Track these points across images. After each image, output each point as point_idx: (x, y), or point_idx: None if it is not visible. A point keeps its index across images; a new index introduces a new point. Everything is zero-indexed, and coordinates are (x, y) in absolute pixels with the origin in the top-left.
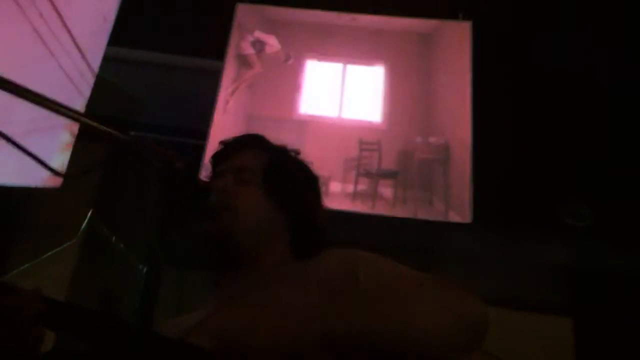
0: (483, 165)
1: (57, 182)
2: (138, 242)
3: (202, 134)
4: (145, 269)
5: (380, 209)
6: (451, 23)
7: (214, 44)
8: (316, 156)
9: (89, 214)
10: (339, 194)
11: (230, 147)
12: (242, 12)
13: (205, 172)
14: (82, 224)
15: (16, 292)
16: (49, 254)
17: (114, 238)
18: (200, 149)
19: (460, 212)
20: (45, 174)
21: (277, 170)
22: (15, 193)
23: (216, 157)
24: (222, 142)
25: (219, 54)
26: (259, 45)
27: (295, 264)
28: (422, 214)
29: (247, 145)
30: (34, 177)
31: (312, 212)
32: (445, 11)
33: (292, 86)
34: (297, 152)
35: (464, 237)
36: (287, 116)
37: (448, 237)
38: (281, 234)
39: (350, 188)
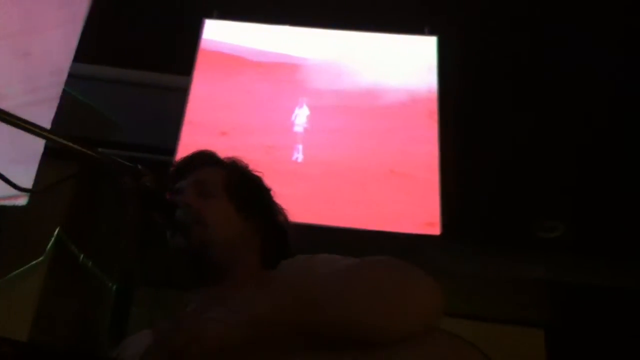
0: (451, 177)
1: (22, 200)
2: (108, 260)
3: (172, 151)
4: (115, 287)
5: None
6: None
7: (182, 60)
8: None
9: (56, 231)
10: None
11: (185, 165)
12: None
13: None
14: (49, 242)
15: None
16: (16, 272)
17: (82, 256)
18: (167, 165)
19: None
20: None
21: (239, 180)
22: None
23: (173, 177)
24: (176, 163)
25: (187, 70)
26: None
27: (262, 274)
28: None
29: (202, 161)
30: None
31: (280, 220)
32: (411, 26)
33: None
34: (247, 165)
35: (434, 251)
36: None
37: (417, 251)
38: (252, 243)
39: None
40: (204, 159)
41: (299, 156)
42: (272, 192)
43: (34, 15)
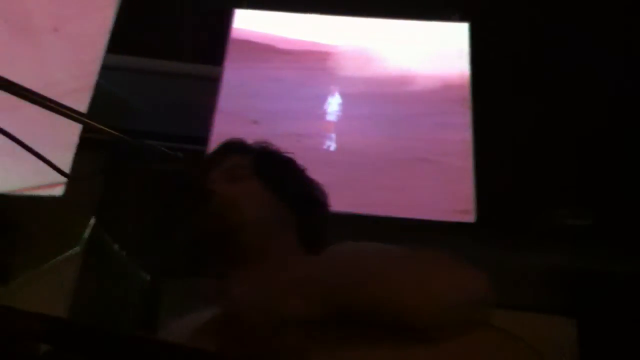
0: (485, 164)
1: (58, 190)
2: (140, 250)
3: (203, 140)
4: (148, 277)
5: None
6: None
7: (213, 50)
8: None
9: (91, 222)
10: None
11: (215, 156)
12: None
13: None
14: (84, 232)
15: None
16: (51, 262)
17: (116, 246)
18: (202, 155)
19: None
20: (46, 181)
21: (268, 161)
22: (16, 201)
23: (205, 168)
24: (204, 157)
25: (218, 60)
26: None
27: (301, 257)
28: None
29: (231, 150)
30: (35, 185)
31: (316, 196)
32: (440, 12)
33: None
34: (276, 148)
35: (467, 238)
36: None
37: (451, 238)
38: (287, 225)
39: None
40: (232, 147)
41: (331, 144)
42: (305, 171)
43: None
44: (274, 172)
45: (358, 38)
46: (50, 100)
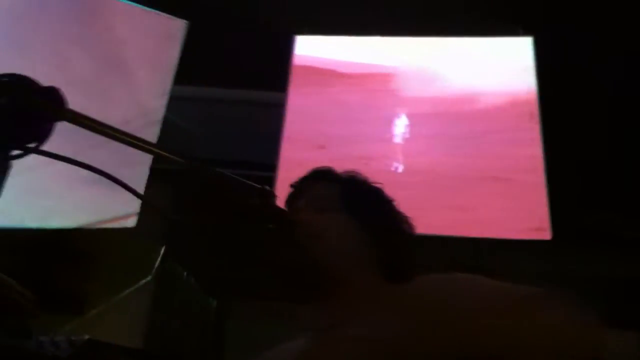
0: (557, 179)
1: (131, 221)
2: (208, 276)
3: (270, 166)
4: (215, 303)
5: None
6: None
7: (276, 77)
8: None
9: (162, 250)
10: None
11: (301, 184)
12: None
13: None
14: (155, 262)
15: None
16: (125, 292)
17: (185, 274)
18: (269, 181)
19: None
20: (118, 214)
21: (354, 192)
22: (90, 233)
23: (291, 196)
24: (292, 185)
25: (281, 86)
26: None
27: (389, 289)
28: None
29: (317, 178)
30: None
31: (403, 229)
32: (502, 28)
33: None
34: (365, 178)
35: (544, 256)
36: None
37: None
38: (370, 256)
39: None
40: (319, 176)
41: (399, 166)
42: (394, 203)
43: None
44: (361, 203)
45: (420, 58)
46: (122, 132)
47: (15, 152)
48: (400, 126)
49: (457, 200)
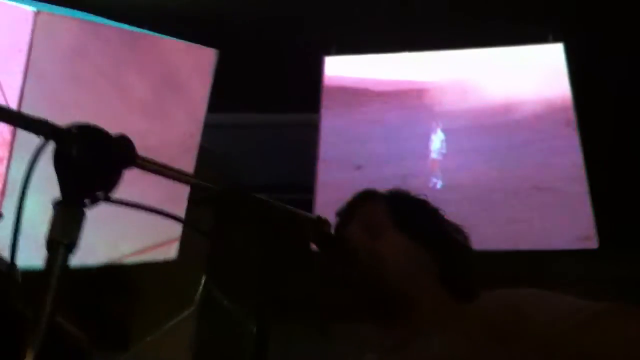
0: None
1: (169, 252)
2: (248, 302)
3: (306, 188)
4: (255, 328)
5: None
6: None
7: (305, 98)
8: None
9: (203, 279)
10: None
11: (348, 210)
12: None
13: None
14: (197, 291)
15: None
16: (170, 324)
17: (226, 301)
18: (306, 204)
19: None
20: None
21: (403, 209)
22: (132, 268)
23: (339, 224)
24: (338, 213)
25: (311, 107)
26: None
27: (456, 307)
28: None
29: (363, 201)
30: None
31: (459, 239)
32: (533, 35)
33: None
34: (408, 192)
35: (591, 264)
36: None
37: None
38: (433, 274)
39: None
40: (364, 198)
41: (437, 182)
42: (440, 210)
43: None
44: (411, 218)
45: (452, 71)
46: (186, 174)
47: (89, 202)
48: (437, 141)
49: (500, 213)
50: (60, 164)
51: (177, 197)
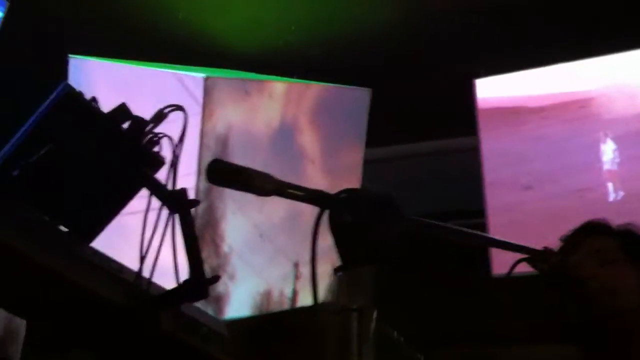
0: None
1: None
2: (415, 333)
3: (476, 212)
4: (422, 358)
5: None
6: None
7: (458, 122)
8: None
9: (374, 314)
10: None
11: (574, 238)
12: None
13: None
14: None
15: None
16: None
17: (395, 333)
18: (480, 228)
19: None
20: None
21: (635, 243)
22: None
23: (563, 251)
24: (562, 239)
25: (469, 130)
26: None
27: None
28: None
29: (591, 231)
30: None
31: None
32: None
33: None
34: None
35: None
36: None
37: None
38: None
39: None
40: (593, 229)
41: (617, 193)
42: None
43: None
44: None
45: (611, 76)
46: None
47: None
48: (609, 151)
49: None
50: (338, 230)
51: None
